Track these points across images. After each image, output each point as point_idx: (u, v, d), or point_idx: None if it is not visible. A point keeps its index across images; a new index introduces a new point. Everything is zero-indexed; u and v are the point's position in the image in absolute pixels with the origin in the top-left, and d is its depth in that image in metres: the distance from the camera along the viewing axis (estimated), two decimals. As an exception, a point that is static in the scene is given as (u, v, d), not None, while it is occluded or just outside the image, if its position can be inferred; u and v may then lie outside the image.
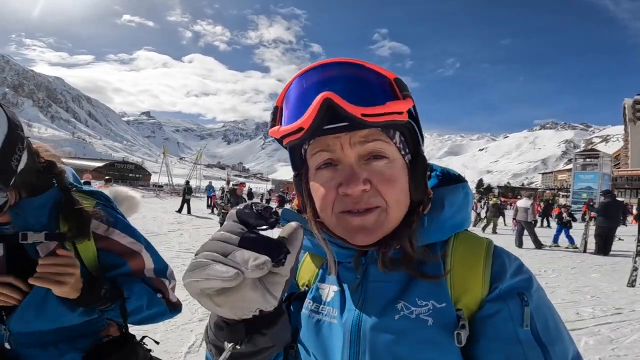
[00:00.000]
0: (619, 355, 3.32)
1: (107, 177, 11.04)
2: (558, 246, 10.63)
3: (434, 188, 0.66)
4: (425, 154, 0.63)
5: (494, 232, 13.70)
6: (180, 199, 19.16)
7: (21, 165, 0.84)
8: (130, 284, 0.98)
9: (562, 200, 36.38)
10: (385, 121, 0.54)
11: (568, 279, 6.48)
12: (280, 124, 0.59)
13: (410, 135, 0.61)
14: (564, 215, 11.03)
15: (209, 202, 20.08)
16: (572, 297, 5.20)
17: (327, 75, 0.56)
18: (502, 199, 24.61)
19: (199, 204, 20.98)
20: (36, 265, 0.87)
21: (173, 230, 10.33)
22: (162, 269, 1.09)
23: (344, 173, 0.56)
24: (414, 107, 0.59)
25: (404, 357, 0.54)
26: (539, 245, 10.34)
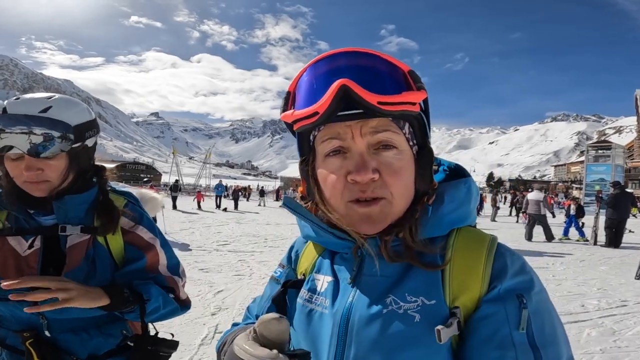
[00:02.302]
0: (620, 346, 3.37)
1: (151, 184, 11.33)
2: (568, 239, 10.55)
3: (440, 183, 0.66)
4: (433, 147, 0.64)
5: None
6: (194, 199, 19.58)
7: (88, 143, 1.08)
8: (146, 287, 1.07)
9: (575, 193, 35.86)
10: (399, 111, 0.55)
11: (576, 271, 6.48)
12: (293, 109, 0.60)
13: (419, 127, 0.61)
14: (572, 207, 10.95)
15: (218, 201, 20.19)
16: (578, 290, 5.22)
17: (342, 63, 0.56)
18: (513, 192, 24.55)
19: (208, 202, 21.26)
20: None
21: (185, 229, 10.55)
22: (174, 266, 1.19)
23: (354, 161, 0.57)
24: (425, 99, 0.60)
25: (388, 351, 0.54)
26: (550, 237, 10.28)
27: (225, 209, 18.70)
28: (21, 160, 0.98)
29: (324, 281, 0.66)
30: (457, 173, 0.69)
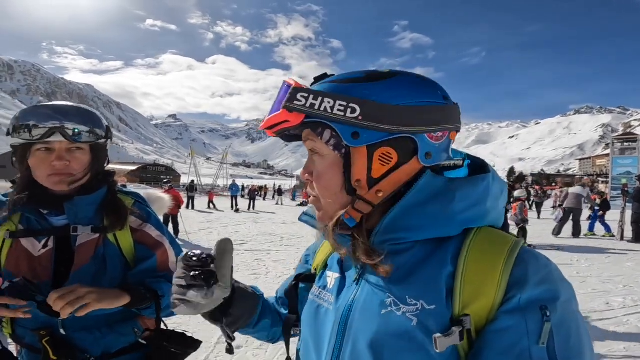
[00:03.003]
0: (647, 344, 3.25)
1: (170, 185, 11.40)
2: (594, 234, 10.24)
3: (463, 178, 0.63)
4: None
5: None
6: (207, 199, 19.82)
7: (108, 143, 1.17)
8: (159, 284, 1.11)
9: (601, 187, 34.71)
10: (279, 130, 0.63)
11: (601, 268, 6.27)
12: None
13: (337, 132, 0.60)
14: (597, 201, 10.57)
15: (234, 201, 19.94)
16: (603, 287, 5.05)
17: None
18: (537, 187, 23.82)
19: (224, 202, 21.52)
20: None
21: (203, 229, 10.75)
22: None
23: None
24: (318, 108, 0.57)
25: (383, 353, 0.54)
26: (577, 233, 9.95)
27: (237, 210, 18.01)
28: (50, 153, 1.04)
29: (332, 277, 0.69)
30: (482, 169, 0.66)
